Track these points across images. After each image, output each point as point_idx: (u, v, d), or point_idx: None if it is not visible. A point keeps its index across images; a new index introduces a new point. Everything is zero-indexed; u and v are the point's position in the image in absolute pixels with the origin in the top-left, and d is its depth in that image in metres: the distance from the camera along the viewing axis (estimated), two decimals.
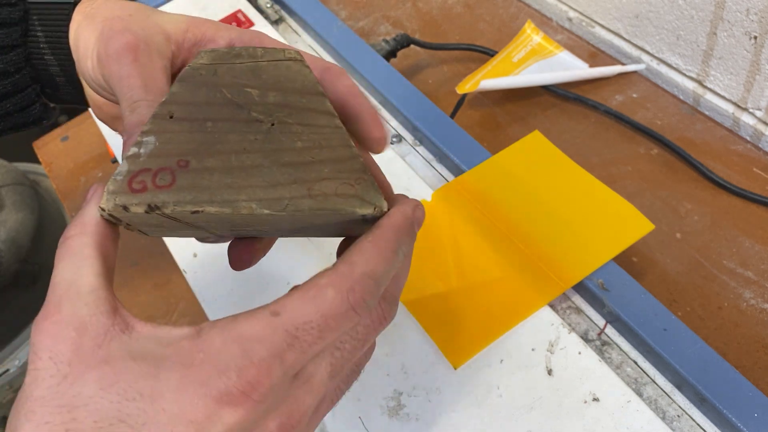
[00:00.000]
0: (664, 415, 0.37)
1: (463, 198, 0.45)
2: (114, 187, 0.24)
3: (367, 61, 0.56)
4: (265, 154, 0.25)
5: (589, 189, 0.45)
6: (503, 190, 0.45)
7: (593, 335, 0.41)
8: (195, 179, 0.24)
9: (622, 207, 0.44)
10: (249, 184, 0.24)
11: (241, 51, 0.26)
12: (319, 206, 0.24)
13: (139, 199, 0.23)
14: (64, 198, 0.68)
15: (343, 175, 0.25)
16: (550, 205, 0.44)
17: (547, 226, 0.43)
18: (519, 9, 0.70)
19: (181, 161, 0.24)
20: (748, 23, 0.50)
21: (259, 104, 0.26)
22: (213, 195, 0.24)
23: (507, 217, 0.44)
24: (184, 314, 0.55)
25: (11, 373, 0.93)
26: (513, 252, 0.42)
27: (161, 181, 0.24)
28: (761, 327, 0.45)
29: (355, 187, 0.25)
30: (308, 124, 0.26)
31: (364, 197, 0.25)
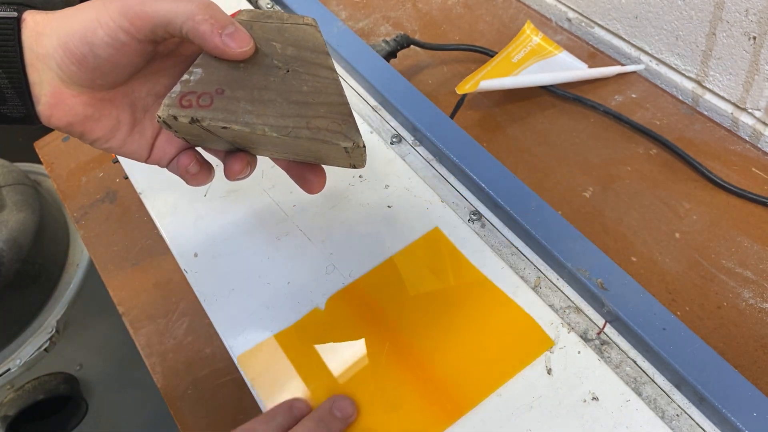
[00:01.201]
0: (663, 414, 0.38)
1: (355, 308, 0.42)
2: (169, 101, 0.32)
3: (367, 62, 0.56)
4: (279, 92, 0.33)
5: (489, 298, 0.41)
6: (398, 298, 0.42)
7: (592, 335, 0.41)
8: (227, 104, 0.32)
9: (522, 319, 0.40)
10: (265, 113, 0.32)
11: (272, 13, 0.34)
12: (313, 136, 0.32)
13: (186, 113, 0.32)
14: (65, 198, 0.68)
15: (334, 116, 0.33)
16: (448, 316, 0.41)
17: (443, 341, 0.40)
18: (518, 9, 0.70)
19: (218, 89, 0.32)
20: (747, 24, 0.50)
21: (280, 55, 0.33)
22: (238, 117, 0.32)
23: (401, 332, 0.40)
24: (184, 314, 0.55)
25: (12, 372, 0.93)
26: (405, 373, 0.38)
27: (203, 101, 0.32)
28: (760, 326, 0.45)
29: (342, 126, 0.32)
30: (314, 75, 0.33)
31: (347, 134, 0.32)
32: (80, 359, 1.02)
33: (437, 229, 0.45)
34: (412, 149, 0.52)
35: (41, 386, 0.96)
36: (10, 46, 0.32)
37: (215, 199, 0.49)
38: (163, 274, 0.58)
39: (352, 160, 0.35)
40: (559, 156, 0.56)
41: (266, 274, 0.44)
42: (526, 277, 0.44)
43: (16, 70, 0.32)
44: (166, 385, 0.52)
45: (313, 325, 0.42)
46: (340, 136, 0.32)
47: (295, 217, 0.47)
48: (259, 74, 0.33)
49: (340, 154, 0.34)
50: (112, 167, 0.69)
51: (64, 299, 0.99)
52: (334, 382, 0.39)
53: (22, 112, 0.34)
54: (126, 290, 0.57)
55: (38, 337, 0.95)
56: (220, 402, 0.50)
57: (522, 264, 0.45)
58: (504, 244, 0.46)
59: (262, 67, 0.33)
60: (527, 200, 0.45)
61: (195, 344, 0.53)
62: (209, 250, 0.47)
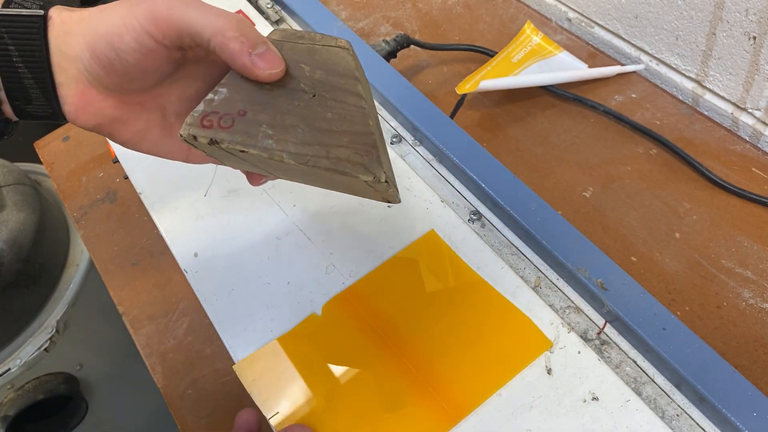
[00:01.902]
0: (663, 414, 0.38)
1: (353, 312, 0.41)
2: (191, 120, 0.32)
3: (367, 62, 0.56)
4: (302, 118, 0.32)
5: (486, 299, 0.41)
6: (396, 302, 0.41)
7: (592, 334, 0.41)
8: (248, 127, 0.31)
9: (520, 320, 0.40)
10: (285, 138, 0.31)
11: (305, 34, 0.33)
12: (332, 166, 0.31)
13: (206, 134, 0.31)
14: (65, 198, 0.68)
15: (356, 146, 0.31)
16: (445, 319, 0.40)
17: (441, 345, 0.39)
18: (518, 9, 0.70)
19: (241, 111, 0.32)
20: (747, 23, 0.50)
21: (308, 78, 0.32)
22: (257, 142, 0.31)
23: (399, 335, 0.40)
24: (184, 314, 0.55)
25: (12, 372, 0.93)
26: (404, 377, 0.38)
27: (224, 122, 0.31)
28: (760, 326, 0.45)
29: (364, 157, 0.31)
30: (340, 101, 0.32)
31: (368, 167, 0.30)
32: (80, 359, 1.02)
33: (433, 232, 0.45)
34: (412, 149, 0.52)
35: (41, 386, 0.96)
36: (36, 46, 0.31)
37: (215, 199, 0.49)
38: (163, 274, 0.58)
39: (380, 195, 0.33)
40: (559, 156, 0.56)
41: (266, 274, 0.44)
42: (526, 277, 0.44)
43: (42, 70, 0.32)
44: (166, 385, 0.52)
45: (311, 331, 0.41)
46: (360, 168, 0.30)
47: (295, 217, 0.47)
48: (284, 97, 0.32)
49: (365, 188, 0.33)
50: (112, 167, 0.69)
51: (64, 299, 0.99)
52: (334, 387, 0.39)
53: (48, 112, 0.33)
54: (126, 290, 0.57)
55: (38, 337, 0.95)
56: (220, 402, 0.50)
57: (522, 264, 0.45)
58: (504, 244, 0.46)
59: (288, 90, 0.32)
60: (527, 200, 0.45)
61: (195, 344, 0.53)
62: (209, 250, 0.47)
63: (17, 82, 0.32)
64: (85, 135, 0.75)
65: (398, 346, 0.40)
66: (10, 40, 0.31)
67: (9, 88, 0.32)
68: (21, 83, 0.32)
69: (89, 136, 0.74)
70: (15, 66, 0.31)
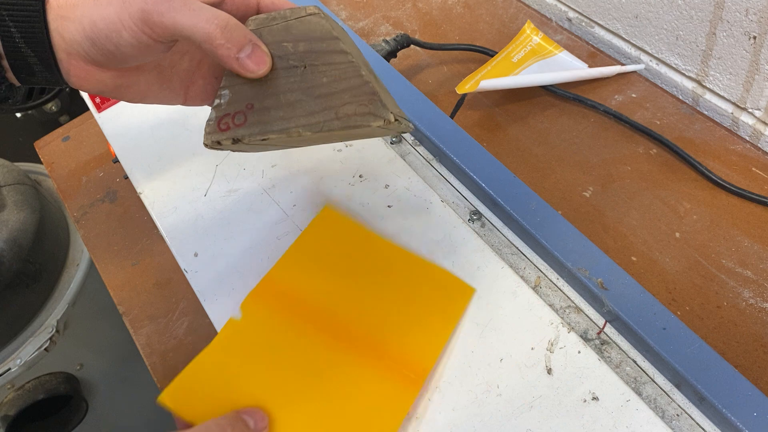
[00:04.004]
0: (663, 414, 0.38)
1: (278, 303, 0.39)
2: (209, 129, 0.34)
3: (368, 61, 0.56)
4: (303, 90, 0.33)
5: (403, 261, 0.41)
6: (317, 284, 0.40)
7: (592, 334, 0.41)
8: (259, 116, 0.33)
9: (439, 275, 0.40)
10: (295, 115, 0.33)
11: (276, 15, 0.34)
12: (345, 125, 0.33)
13: (226, 136, 0.34)
14: (66, 197, 0.68)
15: (358, 98, 0.33)
16: (370, 289, 0.39)
17: (374, 315, 0.38)
18: (519, 9, 0.70)
19: (248, 105, 0.34)
20: (748, 23, 0.50)
21: (294, 53, 0.34)
22: (272, 126, 0.33)
23: (330, 316, 0.38)
24: (184, 313, 0.55)
25: (12, 372, 0.93)
26: (352, 358, 0.37)
27: (237, 120, 0.34)
28: (760, 326, 0.45)
29: (368, 106, 0.32)
30: (329, 63, 0.33)
31: (376, 113, 0.32)
32: (80, 359, 1.02)
33: (328, 207, 0.44)
34: (412, 149, 0.52)
35: (41, 386, 0.96)
36: (37, 29, 0.33)
37: (215, 199, 0.49)
38: (163, 274, 0.58)
39: (394, 131, 0.36)
40: (559, 156, 0.56)
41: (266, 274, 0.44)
42: (526, 277, 0.44)
43: (44, 50, 0.33)
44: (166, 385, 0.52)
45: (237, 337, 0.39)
46: (369, 117, 0.32)
47: (295, 217, 0.47)
48: (281, 78, 0.34)
49: (379, 132, 0.35)
50: (113, 167, 0.69)
51: (65, 299, 0.99)
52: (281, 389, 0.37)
53: (51, 81, 0.35)
54: (126, 290, 0.57)
55: (38, 337, 0.95)
56: None
57: (522, 264, 0.45)
58: (504, 244, 0.46)
59: (281, 71, 0.34)
60: (527, 200, 0.45)
61: (195, 344, 0.53)
62: (209, 250, 0.47)
63: (21, 60, 0.33)
64: (85, 135, 0.75)
65: (334, 328, 0.38)
66: (12, 22, 0.33)
67: (13, 64, 0.34)
68: (25, 60, 0.33)
69: (89, 135, 0.74)
70: (18, 46, 0.33)
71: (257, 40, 0.33)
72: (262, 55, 0.33)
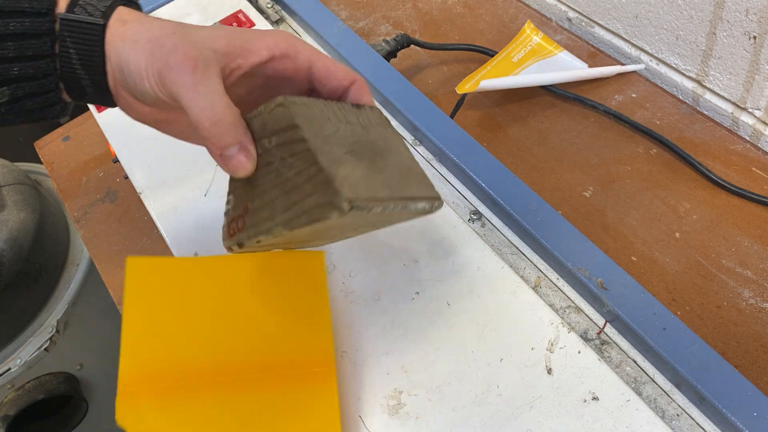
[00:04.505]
0: (663, 414, 0.38)
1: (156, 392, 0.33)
2: (223, 235, 0.35)
3: (368, 62, 0.56)
4: (278, 187, 0.32)
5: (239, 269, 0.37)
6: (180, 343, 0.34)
7: (593, 334, 0.41)
8: (251, 219, 0.33)
9: (281, 259, 0.37)
10: (274, 213, 0.32)
11: (257, 111, 0.33)
12: (310, 220, 0.30)
13: (234, 240, 0.34)
14: (66, 197, 0.68)
15: (316, 187, 0.30)
16: (234, 314, 0.36)
17: (257, 334, 0.35)
18: (519, 9, 0.70)
19: (245, 208, 0.34)
20: (748, 23, 0.50)
21: (269, 149, 0.32)
22: (260, 227, 0.32)
23: (220, 362, 0.34)
24: None
25: (12, 372, 0.93)
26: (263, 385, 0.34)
27: (239, 224, 0.34)
28: (760, 326, 0.45)
29: (326, 194, 0.30)
30: (293, 154, 0.31)
31: (333, 201, 0.29)
32: (80, 359, 1.02)
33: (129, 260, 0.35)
34: (412, 149, 0.52)
35: (41, 386, 0.96)
36: (95, 53, 0.33)
37: (215, 199, 0.49)
38: None
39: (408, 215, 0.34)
40: (559, 156, 0.57)
41: None
42: (526, 277, 0.44)
43: (98, 75, 0.34)
44: None
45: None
46: (327, 207, 0.29)
47: None
48: (261, 177, 0.33)
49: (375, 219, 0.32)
50: (113, 167, 0.69)
51: (64, 299, 0.99)
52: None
53: (104, 103, 0.36)
54: None
55: (38, 337, 0.95)
56: None
57: (522, 264, 0.45)
58: (504, 244, 0.46)
59: (263, 169, 0.33)
60: (527, 200, 0.45)
61: None
62: (209, 250, 0.47)
63: (75, 81, 0.34)
64: (85, 135, 0.75)
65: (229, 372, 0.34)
66: (72, 44, 0.33)
67: (68, 85, 0.34)
68: (78, 82, 0.34)
69: (89, 135, 0.74)
70: (74, 68, 0.34)
71: (247, 142, 0.32)
72: (243, 158, 0.32)
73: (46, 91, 0.35)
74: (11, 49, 0.33)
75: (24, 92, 0.34)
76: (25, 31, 0.33)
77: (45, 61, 0.34)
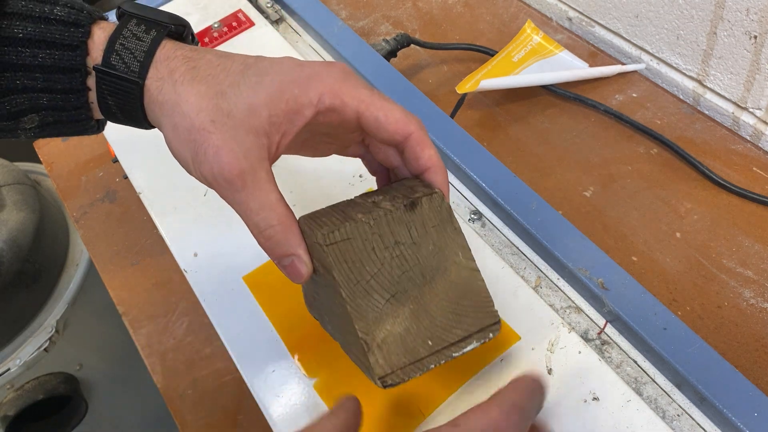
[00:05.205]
0: (664, 414, 0.37)
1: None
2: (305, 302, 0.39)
3: (368, 61, 0.56)
4: (327, 303, 0.34)
5: None
6: None
7: (593, 334, 0.41)
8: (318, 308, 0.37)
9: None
10: (331, 322, 0.35)
11: (306, 228, 0.33)
12: (356, 361, 0.33)
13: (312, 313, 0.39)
14: (65, 197, 0.68)
15: (360, 351, 0.31)
16: None
17: None
18: (519, 9, 0.70)
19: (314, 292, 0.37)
20: (748, 23, 0.50)
21: (317, 274, 0.33)
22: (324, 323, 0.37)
23: None
24: (184, 314, 0.55)
25: (12, 372, 0.93)
26: None
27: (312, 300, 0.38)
28: (761, 326, 0.45)
29: (365, 364, 0.31)
30: (335, 299, 0.32)
31: (370, 374, 0.31)
32: (80, 359, 1.02)
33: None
34: None
35: (41, 386, 0.96)
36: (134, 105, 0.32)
37: (215, 199, 0.49)
38: (163, 274, 0.58)
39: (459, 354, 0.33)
40: (560, 155, 0.56)
41: None
42: (527, 277, 0.44)
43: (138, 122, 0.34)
44: (166, 385, 0.51)
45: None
46: (369, 375, 0.31)
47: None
48: (320, 285, 0.34)
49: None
50: (112, 167, 0.69)
51: (64, 299, 0.99)
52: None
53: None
54: (126, 290, 0.57)
55: (38, 337, 0.95)
56: (220, 402, 0.50)
57: (522, 264, 0.45)
58: (504, 244, 0.46)
59: (318, 278, 0.33)
60: (527, 200, 0.45)
61: (195, 344, 0.53)
62: (209, 250, 0.47)
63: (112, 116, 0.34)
64: None
65: None
66: (109, 94, 0.32)
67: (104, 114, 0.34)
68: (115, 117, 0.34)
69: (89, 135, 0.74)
70: (111, 109, 0.33)
71: (300, 252, 0.32)
72: (297, 268, 0.32)
73: (76, 120, 0.34)
74: (39, 80, 0.32)
75: (54, 119, 0.33)
76: (54, 64, 0.31)
77: (76, 96, 0.32)
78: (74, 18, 0.32)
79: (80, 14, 0.32)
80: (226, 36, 0.60)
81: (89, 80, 0.32)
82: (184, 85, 0.31)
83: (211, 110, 0.30)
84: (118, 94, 0.32)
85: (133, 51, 0.31)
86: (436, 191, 0.33)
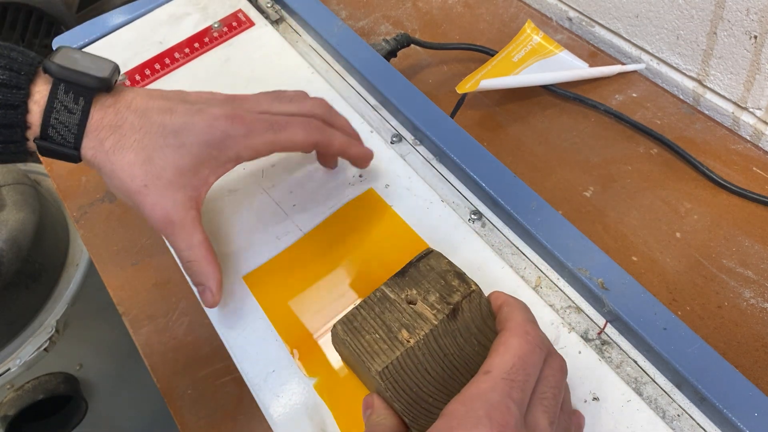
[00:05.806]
0: (664, 414, 0.37)
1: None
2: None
3: (367, 61, 0.56)
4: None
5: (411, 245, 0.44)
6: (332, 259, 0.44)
7: (593, 334, 0.41)
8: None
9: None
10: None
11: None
12: None
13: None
14: (65, 197, 0.68)
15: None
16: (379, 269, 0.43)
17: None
18: (519, 9, 0.70)
19: None
20: (748, 23, 0.50)
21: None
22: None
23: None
24: (184, 314, 0.55)
25: (12, 372, 0.93)
26: None
27: None
28: (761, 326, 0.45)
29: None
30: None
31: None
32: (80, 359, 1.02)
33: (371, 190, 0.47)
34: (412, 148, 0.52)
35: (41, 386, 0.96)
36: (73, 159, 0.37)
37: (215, 199, 0.49)
38: (163, 274, 0.57)
39: None
40: (560, 155, 0.56)
41: None
42: (527, 277, 0.44)
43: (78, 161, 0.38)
44: (166, 385, 0.51)
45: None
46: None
47: (295, 217, 0.47)
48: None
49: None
50: None
51: (64, 299, 0.99)
52: None
53: None
54: (126, 290, 0.57)
55: (38, 337, 0.95)
56: (220, 402, 0.50)
57: (522, 264, 0.45)
58: (504, 244, 0.46)
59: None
60: (528, 200, 0.45)
61: (195, 344, 0.53)
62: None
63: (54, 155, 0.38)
64: None
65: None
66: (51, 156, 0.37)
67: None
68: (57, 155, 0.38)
69: None
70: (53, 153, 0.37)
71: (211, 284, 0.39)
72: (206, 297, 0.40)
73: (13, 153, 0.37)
74: None
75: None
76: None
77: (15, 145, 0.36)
78: (15, 81, 0.35)
79: (19, 76, 0.35)
80: (226, 36, 0.60)
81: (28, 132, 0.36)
82: (115, 155, 0.36)
83: (143, 176, 0.36)
84: (59, 157, 0.37)
85: (66, 124, 0.36)
86: (473, 289, 0.35)
